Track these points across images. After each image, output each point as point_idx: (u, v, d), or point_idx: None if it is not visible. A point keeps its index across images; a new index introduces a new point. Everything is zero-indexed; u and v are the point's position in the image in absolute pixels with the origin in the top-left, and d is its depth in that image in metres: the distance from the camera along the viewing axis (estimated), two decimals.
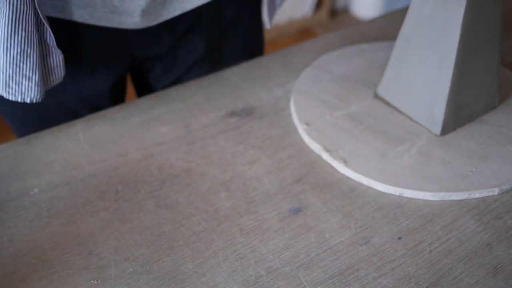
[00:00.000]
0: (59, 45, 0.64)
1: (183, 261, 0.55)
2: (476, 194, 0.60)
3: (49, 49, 0.63)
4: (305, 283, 0.53)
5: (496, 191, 0.60)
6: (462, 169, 0.62)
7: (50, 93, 0.69)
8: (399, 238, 0.56)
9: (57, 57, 0.64)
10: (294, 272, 0.54)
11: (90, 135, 0.67)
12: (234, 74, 0.78)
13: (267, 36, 2.07)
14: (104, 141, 0.66)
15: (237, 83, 0.76)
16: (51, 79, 0.66)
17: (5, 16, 0.57)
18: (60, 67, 0.65)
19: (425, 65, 0.65)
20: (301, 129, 0.68)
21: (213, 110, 0.72)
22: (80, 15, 0.70)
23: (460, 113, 0.67)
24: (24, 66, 0.61)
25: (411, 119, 0.69)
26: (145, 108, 0.72)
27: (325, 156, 0.64)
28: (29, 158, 0.65)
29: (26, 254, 0.55)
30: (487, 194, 0.60)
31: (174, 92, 0.75)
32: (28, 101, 0.64)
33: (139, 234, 0.57)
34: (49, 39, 0.62)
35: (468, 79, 0.65)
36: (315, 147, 0.66)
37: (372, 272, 0.53)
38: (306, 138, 0.67)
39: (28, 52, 0.61)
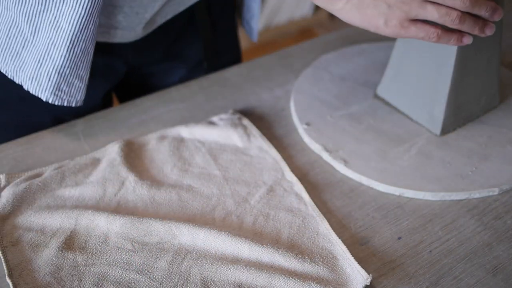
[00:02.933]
0: None
1: None
2: (476, 194, 0.60)
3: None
4: None
5: (496, 191, 0.60)
6: (462, 169, 0.62)
7: (48, 109, 0.67)
8: (399, 238, 0.56)
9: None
10: None
11: (90, 135, 0.67)
12: (234, 74, 0.78)
13: (268, 36, 2.07)
14: (104, 141, 0.66)
15: (237, 84, 0.76)
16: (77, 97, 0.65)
17: (77, 12, 0.56)
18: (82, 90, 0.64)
19: (425, 65, 0.65)
20: (301, 129, 0.68)
21: (213, 110, 0.72)
22: None
23: (460, 113, 0.67)
24: (82, 65, 0.61)
25: (411, 119, 0.69)
26: (145, 108, 0.72)
27: (325, 156, 0.64)
28: (29, 158, 0.64)
29: None
30: (487, 194, 0.60)
31: (174, 92, 0.75)
32: (73, 104, 0.63)
33: None
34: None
35: (468, 79, 0.65)
36: (315, 147, 0.66)
37: (372, 272, 0.53)
38: (306, 138, 0.67)
39: (89, 49, 0.60)
